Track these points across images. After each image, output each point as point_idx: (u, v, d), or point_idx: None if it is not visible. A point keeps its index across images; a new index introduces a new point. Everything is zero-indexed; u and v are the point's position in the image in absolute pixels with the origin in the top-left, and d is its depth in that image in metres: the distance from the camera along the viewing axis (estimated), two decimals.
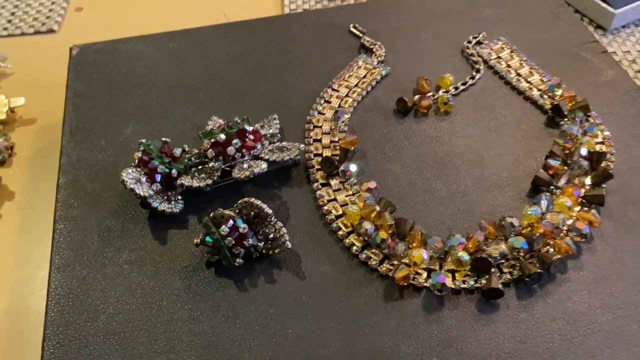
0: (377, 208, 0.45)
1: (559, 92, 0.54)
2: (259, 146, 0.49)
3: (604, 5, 0.71)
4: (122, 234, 0.46)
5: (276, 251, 0.44)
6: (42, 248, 0.54)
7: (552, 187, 0.48)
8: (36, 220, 0.57)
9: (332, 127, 0.53)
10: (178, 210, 0.46)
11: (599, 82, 0.57)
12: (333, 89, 0.56)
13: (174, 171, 0.46)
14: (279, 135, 0.51)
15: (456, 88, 0.56)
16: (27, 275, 0.53)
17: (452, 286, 0.42)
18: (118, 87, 0.57)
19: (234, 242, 0.42)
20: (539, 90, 0.56)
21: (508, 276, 0.43)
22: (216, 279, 0.44)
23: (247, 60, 0.60)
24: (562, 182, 0.47)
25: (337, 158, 0.50)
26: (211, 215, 0.43)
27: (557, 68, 0.58)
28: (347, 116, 0.54)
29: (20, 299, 0.51)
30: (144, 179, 0.46)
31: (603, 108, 0.54)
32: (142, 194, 0.45)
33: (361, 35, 0.62)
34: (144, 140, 0.47)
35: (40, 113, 0.66)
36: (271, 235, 0.43)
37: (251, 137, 0.49)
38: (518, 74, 0.57)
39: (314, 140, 0.52)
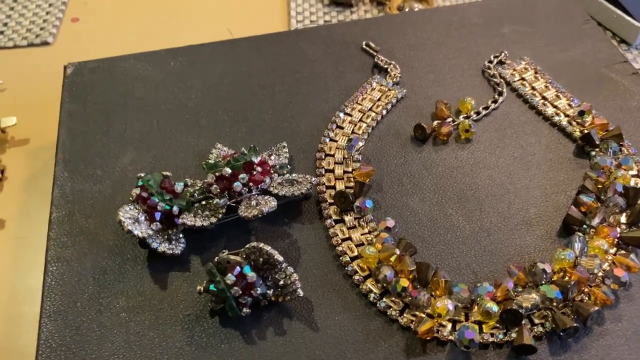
0: (397, 251, 0.41)
1: (588, 118, 0.51)
2: (267, 180, 0.45)
3: (629, 19, 0.67)
4: (119, 277, 0.43)
5: (286, 298, 0.40)
6: (35, 282, 0.51)
7: (584, 225, 0.44)
8: (29, 250, 0.53)
9: (346, 156, 0.49)
10: (179, 252, 0.43)
11: (630, 106, 0.53)
12: (346, 113, 0.53)
13: (175, 208, 0.43)
14: (288, 166, 0.47)
15: (477, 113, 0.53)
16: (18, 312, 0.49)
17: (480, 340, 0.38)
18: (115, 109, 0.54)
19: (240, 291, 0.38)
20: (567, 116, 0.52)
21: (540, 329, 0.39)
22: (221, 329, 0.40)
23: (253, 80, 0.56)
24: (595, 221, 0.44)
25: (352, 192, 0.46)
26: (215, 260, 0.40)
27: (585, 91, 0.54)
28: (361, 144, 0.50)
29: (9, 338, 0.47)
30: (142, 218, 0.42)
31: (637, 136, 0.50)
32: (140, 235, 0.41)
33: (374, 53, 0.58)
34: (142, 175, 0.44)
35: (34, 133, 0.62)
36: (281, 282, 0.40)
37: (259, 169, 0.45)
38: (544, 98, 0.53)
39: (326, 171, 0.49)
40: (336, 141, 0.51)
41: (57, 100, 0.56)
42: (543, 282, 0.40)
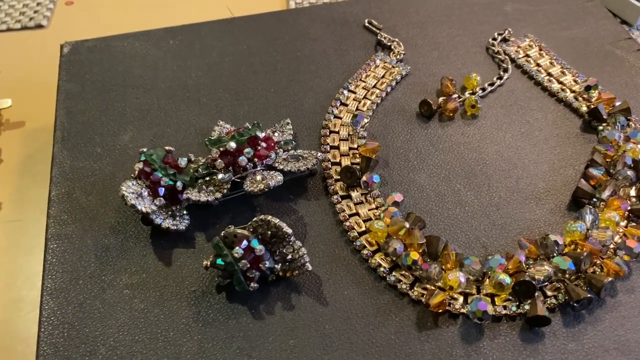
0: (406, 225, 0.41)
1: (595, 93, 0.50)
2: (272, 155, 0.44)
3: None
4: (121, 254, 0.42)
5: (294, 273, 0.39)
6: (33, 265, 0.50)
7: (594, 199, 0.43)
8: (26, 234, 0.52)
9: (351, 133, 0.48)
10: (184, 228, 0.42)
11: (636, 82, 0.52)
12: (349, 90, 0.52)
13: (179, 184, 0.42)
14: (293, 142, 0.46)
15: (483, 89, 0.52)
16: (16, 296, 0.48)
17: (493, 313, 0.38)
18: (114, 88, 0.53)
19: (248, 265, 0.37)
20: (573, 91, 0.51)
21: (553, 301, 0.38)
22: (228, 305, 0.39)
23: (254, 59, 0.55)
24: (606, 193, 0.43)
25: (358, 167, 0.45)
26: (222, 234, 0.39)
27: (590, 67, 0.54)
28: (366, 120, 0.49)
29: (8, 323, 0.46)
30: (145, 193, 0.41)
31: None
32: (144, 210, 0.40)
33: (377, 31, 0.57)
34: (145, 150, 0.43)
35: (29, 115, 0.61)
36: (289, 256, 0.39)
37: (263, 144, 0.44)
38: (549, 74, 0.53)
39: (331, 147, 0.48)
40: (340, 118, 0.50)
41: (52, 83, 0.55)
42: (555, 254, 0.40)
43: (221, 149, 0.43)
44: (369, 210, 0.44)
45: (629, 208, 0.42)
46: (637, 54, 0.55)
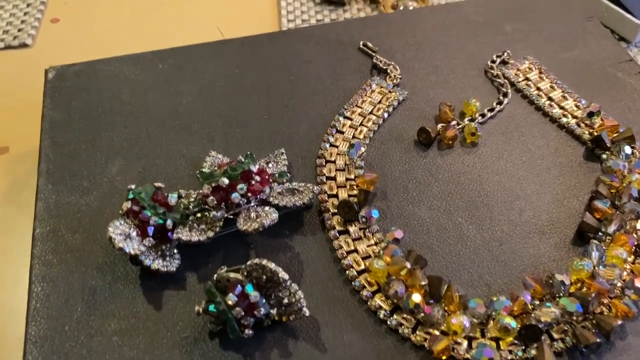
0: (408, 265, 0.39)
1: (597, 120, 0.49)
2: (266, 190, 0.42)
3: (628, 16, 0.66)
4: (110, 297, 0.40)
5: (291, 318, 0.37)
6: (19, 301, 0.48)
7: (600, 233, 0.42)
8: (10, 267, 0.50)
9: (348, 162, 0.47)
10: (174, 269, 0.40)
11: (639, 107, 0.51)
12: (345, 117, 0.50)
13: (169, 222, 0.40)
14: (288, 174, 0.45)
15: (483, 115, 0.50)
16: (1, 335, 0.46)
17: (499, 359, 0.36)
18: (101, 116, 0.51)
19: (242, 313, 0.36)
20: (575, 117, 0.50)
21: (560, 344, 0.37)
22: (222, 352, 0.37)
23: (246, 82, 0.53)
24: (612, 228, 0.42)
25: (356, 201, 0.44)
26: (214, 278, 0.37)
27: (591, 91, 0.52)
28: (363, 149, 0.48)
29: None
30: (134, 233, 0.39)
31: None
32: (133, 252, 0.38)
33: (373, 53, 0.55)
34: (133, 187, 0.41)
35: (13, 140, 0.59)
36: (285, 300, 0.37)
37: (257, 178, 0.42)
38: (550, 99, 0.52)
39: (327, 178, 0.46)
40: (337, 146, 0.48)
41: (37, 105, 0.53)
42: (561, 294, 0.38)
43: (213, 184, 0.41)
44: (368, 246, 0.42)
45: (635, 243, 0.41)
46: (639, 77, 0.53)
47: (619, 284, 0.39)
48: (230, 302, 0.35)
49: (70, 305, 0.39)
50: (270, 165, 0.46)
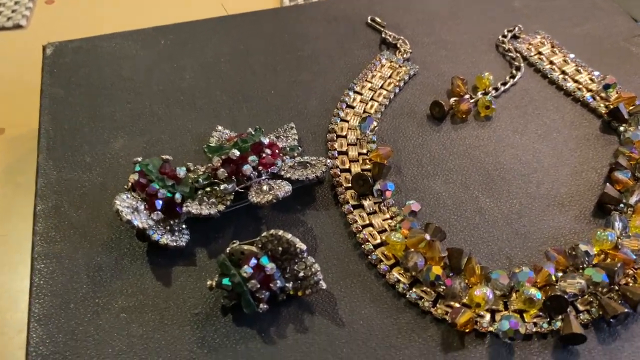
0: (427, 236, 0.38)
1: (613, 92, 0.48)
2: (278, 162, 0.41)
3: None
4: (116, 274, 0.38)
5: (307, 292, 0.36)
6: (20, 284, 0.46)
7: (621, 204, 0.41)
8: (11, 251, 0.48)
9: (360, 137, 0.45)
10: (184, 243, 0.38)
11: None
12: (355, 92, 0.49)
13: (177, 196, 0.38)
14: (299, 148, 0.43)
15: (496, 89, 0.49)
16: (1, 320, 0.44)
17: (523, 331, 0.35)
18: (102, 92, 0.49)
19: (258, 285, 0.34)
20: (590, 90, 0.49)
21: (587, 316, 0.36)
22: (235, 328, 0.36)
23: (252, 59, 0.52)
24: (634, 199, 0.41)
25: (370, 174, 0.42)
26: (228, 251, 0.35)
27: (605, 65, 0.51)
28: (375, 123, 0.46)
29: None
30: (141, 207, 0.38)
31: None
32: (141, 225, 0.37)
33: (381, 28, 0.54)
34: (140, 159, 0.39)
35: (10, 122, 0.57)
36: (301, 274, 0.36)
37: (268, 151, 0.41)
38: (563, 72, 0.50)
39: (339, 153, 0.45)
40: (347, 121, 0.47)
41: (33, 86, 0.51)
42: (585, 265, 0.37)
43: (223, 157, 0.39)
44: (384, 220, 0.41)
45: None
46: None
47: None
48: (245, 275, 0.34)
49: (75, 283, 0.37)
50: (280, 139, 0.44)
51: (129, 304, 0.37)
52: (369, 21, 0.55)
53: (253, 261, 0.34)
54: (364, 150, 0.45)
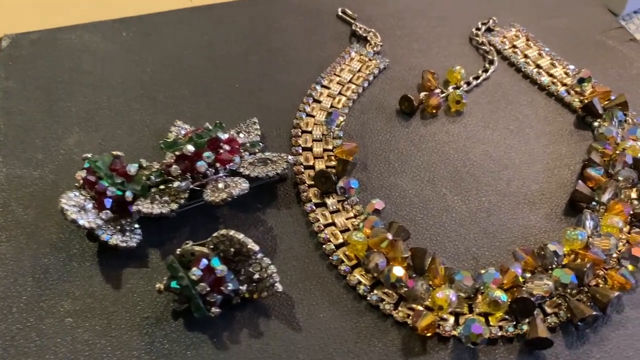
0: (389, 236, 0.36)
1: (588, 87, 0.46)
2: (236, 159, 0.39)
3: None
4: (64, 276, 0.36)
5: (263, 295, 0.34)
6: None
7: (593, 202, 0.39)
8: None
9: (325, 133, 0.44)
10: (135, 244, 0.36)
11: (631, 74, 0.49)
12: (323, 86, 0.47)
13: (128, 194, 0.37)
14: (260, 144, 0.41)
15: (468, 83, 0.48)
16: None
17: (488, 335, 0.33)
18: (59, 86, 0.47)
19: (208, 288, 0.32)
20: (564, 85, 0.47)
21: (554, 319, 0.34)
22: (186, 333, 0.34)
23: (217, 52, 0.50)
24: (606, 196, 0.39)
25: (334, 171, 0.40)
26: (178, 252, 0.34)
27: (580, 58, 0.50)
28: (342, 119, 0.45)
29: None
30: (89, 205, 0.36)
31: None
32: (87, 225, 0.35)
33: (352, 21, 0.52)
34: (89, 155, 0.37)
35: None
36: (256, 276, 0.34)
37: (226, 147, 0.39)
38: (538, 66, 0.49)
39: (303, 149, 0.43)
40: (313, 116, 0.45)
41: None
42: (554, 265, 0.36)
43: (177, 152, 0.37)
44: (347, 219, 0.39)
45: (631, 212, 0.38)
46: (630, 44, 0.51)
47: (614, 255, 0.37)
48: (194, 277, 0.32)
49: (19, 285, 0.36)
50: (241, 135, 0.42)
51: (75, 307, 0.35)
52: (340, 13, 0.53)
53: (203, 263, 0.33)
54: (330, 147, 0.43)
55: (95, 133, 0.44)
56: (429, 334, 0.33)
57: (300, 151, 0.43)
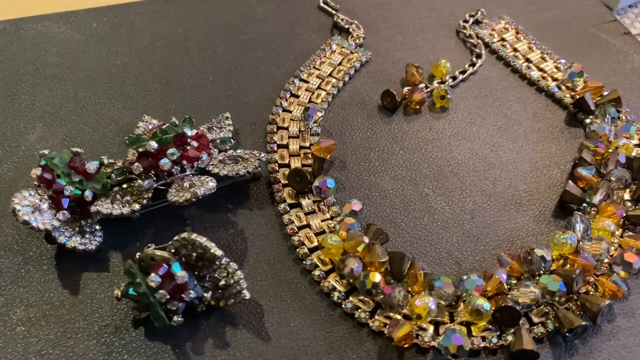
0: (365, 239, 0.34)
1: (580, 82, 0.44)
2: (204, 156, 0.37)
3: None
4: (18, 280, 0.34)
5: (229, 302, 0.32)
6: None
7: (584, 204, 0.37)
8: None
9: (302, 129, 0.41)
10: (94, 247, 0.34)
11: (625, 69, 0.47)
12: (301, 79, 0.45)
13: (87, 193, 0.34)
14: (232, 140, 0.39)
15: (454, 78, 0.45)
16: None
17: (469, 346, 0.31)
18: (22, 79, 0.44)
19: (168, 296, 0.30)
20: (555, 80, 0.45)
21: (541, 329, 0.32)
22: (147, 343, 0.32)
23: (190, 43, 0.48)
24: (597, 198, 0.37)
25: (310, 170, 0.38)
26: (137, 256, 0.31)
27: (572, 52, 0.48)
28: (320, 114, 0.42)
29: None
30: (45, 206, 0.34)
31: (634, 101, 0.44)
32: (41, 227, 0.32)
33: (334, 12, 0.50)
34: (46, 152, 0.35)
35: None
36: (222, 282, 0.32)
37: (194, 144, 0.37)
38: (527, 60, 0.47)
39: (279, 147, 0.41)
40: (290, 112, 0.43)
41: None
42: (541, 271, 0.33)
43: (140, 149, 0.35)
44: (322, 221, 0.37)
45: (624, 214, 0.36)
46: (624, 38, 0.49)
47: (606, 260, 0.34)
48: (152, 284, 0.30)
49: None
50: (212, 130, 0.40)
51: (29, 315, 0.32)
52: (322, 4, 0.51)
53: (163, 269, 0.30)
54: (307, 144, 0.41)
55: (59, 128, 0.41)
56: (406, 345, 0.31)
57: (275, 148, 0.40)
